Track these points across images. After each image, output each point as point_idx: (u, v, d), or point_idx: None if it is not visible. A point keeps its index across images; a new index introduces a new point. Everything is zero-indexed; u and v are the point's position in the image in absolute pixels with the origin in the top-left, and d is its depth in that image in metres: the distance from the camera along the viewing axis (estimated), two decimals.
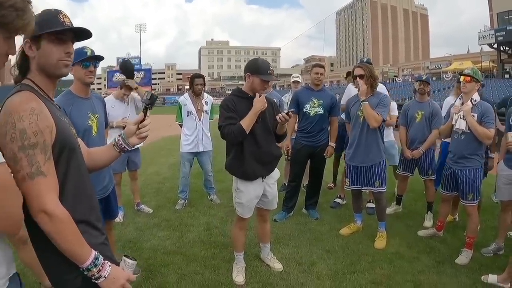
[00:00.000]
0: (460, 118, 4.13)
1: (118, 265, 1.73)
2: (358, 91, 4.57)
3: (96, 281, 1.58)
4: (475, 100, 4.08)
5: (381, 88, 5.01)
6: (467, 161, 4.16)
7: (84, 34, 1.76)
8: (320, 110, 5.28)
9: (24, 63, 1.63)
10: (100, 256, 1.60)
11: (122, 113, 5.30)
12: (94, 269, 1.56)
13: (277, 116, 3.44)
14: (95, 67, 3.15)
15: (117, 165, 5.28)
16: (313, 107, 5.28)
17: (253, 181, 3.58)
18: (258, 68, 3.44)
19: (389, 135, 5.87)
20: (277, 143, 3.75)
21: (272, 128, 3.61)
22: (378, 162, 4.54)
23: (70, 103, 3.06)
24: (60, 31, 1.63)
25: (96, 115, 3.24)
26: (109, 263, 1.63)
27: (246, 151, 3.47)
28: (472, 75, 4.10)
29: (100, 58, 3.18)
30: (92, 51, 3.10)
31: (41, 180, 1.45)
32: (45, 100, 1.58)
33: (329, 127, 5.55)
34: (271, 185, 3.74)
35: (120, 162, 5.32)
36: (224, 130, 3.41)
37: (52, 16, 1.64)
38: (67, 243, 1.51)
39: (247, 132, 3.37)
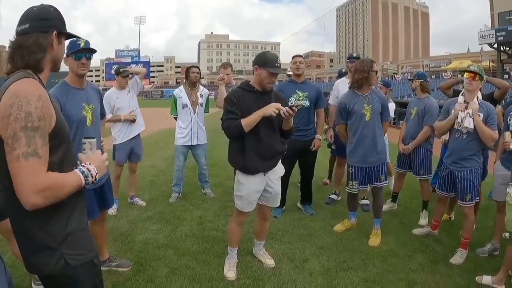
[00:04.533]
0: (469, 116, 3.94)
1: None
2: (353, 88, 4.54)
3: (94, 181, 1.71)
4: (480, 99, 4.01)
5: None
6: (466, 161, 4.08)
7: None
8: (306, 103, 5.18)
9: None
10: (81, 167, 1.69)
11: (128, 102, 5.37)
12: (90, 179, 1.68)
13: (280, 111, 3.30)
14: (88, 59, 3.14)
15: (121, 156, 5.32)
16: (298, 100, 5.17)
17: (255, 175, 3.51)
18: (266, 60, 3.36)
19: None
20: (285, 139, 3.66)
21: (277, 123, 3.50)
22: (385, 159, 4.59)
23: (65, 94, 3.09)
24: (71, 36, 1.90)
25: (91, 106, 3.24)
26: (88, 163, 1.71)
27: (247, 145, 3.40)
28: (479, 72, 3.98)
29: (93, 51, 3.16)
30: (86, 43, 3.09)
31: (37, 161, 1.49)
32: (46, 89, 1.65)
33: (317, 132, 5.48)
34: (274, 181, 3.67)
35: (124, 153, 5.38)
36: (223, 125, 3.37)
37: (62, 16, 1.82)
38: (66, 191, 1.59)
39: (247, 131, 3.29)
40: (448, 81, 5.46)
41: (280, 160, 3.72)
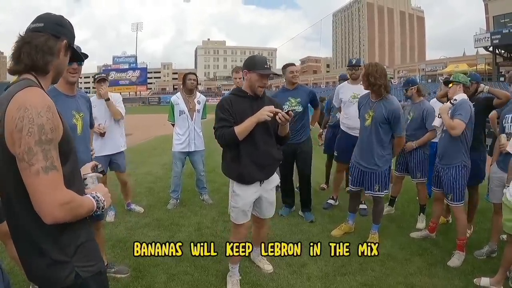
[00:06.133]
0: (437, 116, 4.35)
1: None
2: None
3: (102, 211, 1.76)
4: (455, 100, 4.16)
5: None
6: (449, 159, 4.21)
7: None
8: (299, 108, 5.29)
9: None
10: (92, 193, 1.72)
11: (104, 112, 5.16)
12: (101, 204, 1.71)
13: (276, 116, 3.19)
14: (79, 65, 3.08)
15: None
16: (291, 107, 5.22)
17: (250, 185, 3.40)
18: (255, 63, 3.29)
19: None
20: (280, 145, 3.56)
21: (273, 129, 3.39)
22: (382, 170, 4.47)
23: (55, 101, 2.99)
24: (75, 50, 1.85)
25: (81, 114, 3.22)
26: (96, 193, 1.74)
27: (242, 152, 3.29)
28: (452, 80, 4.34)
29: (85, 56, 3.10)
30: (77, 48, 3.04)
31: (56, 175, 1.47)
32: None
33: (310, 124, 5.68)
34: (269, 190, 3.56)
35: (102, 163, 5.23)
36: (216, 133, 3.28)
37: (74, 32, 1.84)
38: (84, 211, 1.61)
39: (241, 138, 3.19)
40: (442, 91, 5.53)
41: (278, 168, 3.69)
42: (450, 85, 4.34)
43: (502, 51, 46.79)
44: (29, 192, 1.45)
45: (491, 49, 46.58)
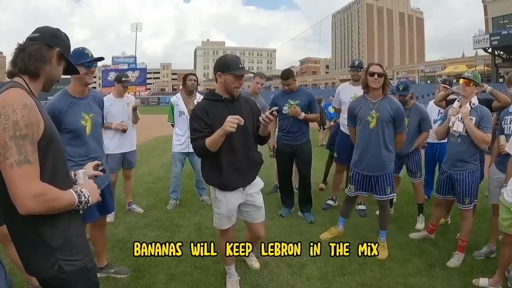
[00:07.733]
0: (458, 120, 4.03)
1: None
2: (365, 92, 4.39)
3: (87, 205, 1.81)
4: (474, 104, 4.02)
5: None
6: (464, 164, 4.10)
7: None
8: None
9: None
10: (75, 187, 1.82)
11: (121, 111, 5.31)
12: (84, 199, 1.79)
13: (259, 117, 3.13)
14: (93, 67, 3.24)
15: (113, 164, 5.26)
16: (290, 109, 5.27)
17: (233, 191, 3.29)
18: (229, 64, 3.11)
19: None
20: (260, 145, 3.48)
21: (252, 130, 3.28)
22: (390, 171, 4.37)
23: (66, 103, 3.19)
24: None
25: (91, 115, 3.33)
26: (81, 188, 1.83)
27: (221, 160, 3.15)
28: (472, 79, 4.04)
29: (101, 59, 3.31)
30: (91, 53, 3.22)
31: (29, 167, 1.57)
32: (34, 98, 1.71)
33: (309, 125, 5.63)
34: (254, 194, 3.41)
35: (116, 161, 5.33)
36: (192, 144, 3.20)
37: (69, 44, 1.96)
38: (60, 204, 1.69)
39: (214, 151, 3.04)
40: (439, 95, 5.49)
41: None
42: (462, 81, 4.09)
43: (501, 53, 46.85)
44: (6, 185, 1.57)
45: (490, 50, 46.65)
